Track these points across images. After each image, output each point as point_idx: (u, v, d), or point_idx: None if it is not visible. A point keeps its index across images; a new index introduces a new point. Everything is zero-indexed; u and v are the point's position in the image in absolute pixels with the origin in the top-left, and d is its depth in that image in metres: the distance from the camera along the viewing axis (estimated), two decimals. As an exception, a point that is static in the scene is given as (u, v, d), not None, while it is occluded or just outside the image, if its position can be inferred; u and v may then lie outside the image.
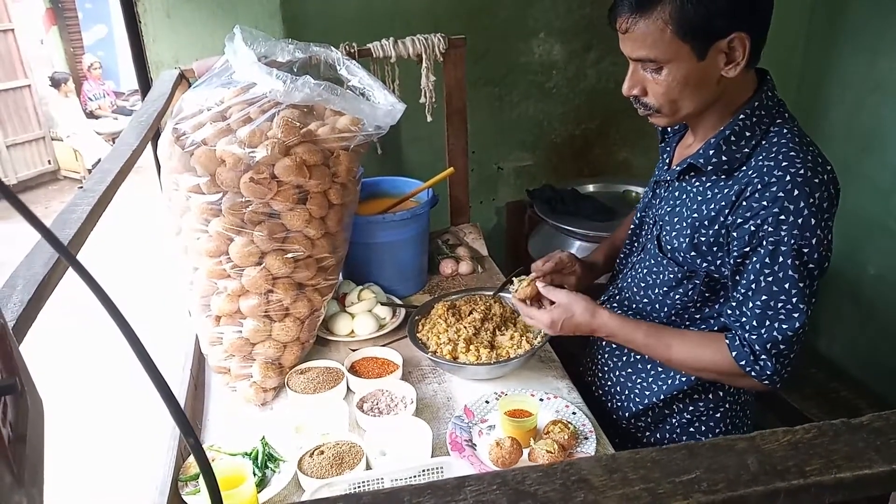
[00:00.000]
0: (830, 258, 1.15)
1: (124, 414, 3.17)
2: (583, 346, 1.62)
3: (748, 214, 1.13)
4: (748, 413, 1.45)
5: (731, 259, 1.19)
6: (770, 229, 1.11)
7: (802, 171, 1.10)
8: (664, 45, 1.10)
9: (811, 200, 1.09)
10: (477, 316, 1.61)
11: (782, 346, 1.16)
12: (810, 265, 1.12)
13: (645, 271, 1.38)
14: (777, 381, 1.18)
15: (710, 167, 1.21)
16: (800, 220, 1.09)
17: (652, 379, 1.41)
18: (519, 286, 1.44)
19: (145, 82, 2.03)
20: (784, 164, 1.12)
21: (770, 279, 1.14)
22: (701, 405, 1.40)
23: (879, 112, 2.43)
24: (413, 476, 1.23)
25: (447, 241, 2.19)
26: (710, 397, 1.39)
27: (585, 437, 1.34)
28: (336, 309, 1.77)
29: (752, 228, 1.13)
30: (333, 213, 1.54)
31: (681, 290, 1.30)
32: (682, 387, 1.37)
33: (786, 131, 1.16)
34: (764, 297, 1.15)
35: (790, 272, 1.12)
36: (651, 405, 1.42)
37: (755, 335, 1.17)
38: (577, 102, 2.73)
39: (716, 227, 1.20)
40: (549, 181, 2.68)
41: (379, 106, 1.54)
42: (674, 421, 1.43)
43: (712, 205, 1.20)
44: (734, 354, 1.20)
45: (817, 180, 1.10)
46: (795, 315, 1.14)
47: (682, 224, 1.26)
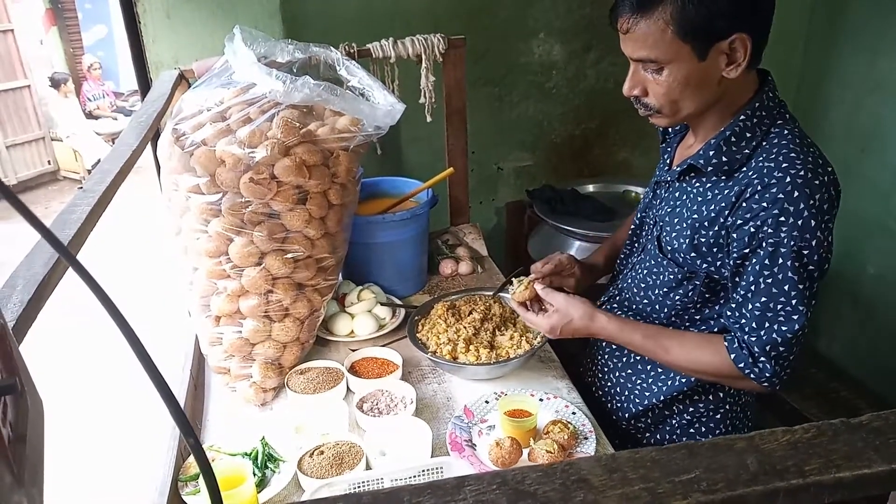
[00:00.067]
0: (831, 260, 1.15)
1: (124, 414, 3.17)
2: (583, 347, 1.62)
3: (748, 216, 1.13)
4: (748, 414, 1.45)
5: (731, 260, 1.18)
6: (770, 231, 1.10)
7: (803, 173, 1.10)
8: (665, 45, 1.09)
9: (811, 202, 1.09)
10: (477, 316, 1.61)
11: (781, 349, 1.15)
12: (810, 267, 1.12)
13: (645, 272, 1.38)
14: (776, 383, 1.18)
15: (710, 168, 1.20)
16: (800, 222, 1.09)
17: (652, 380, 1.41)
18: (518, 288, 1.44)
19: (145, 83, 2.03)
20: (784, 165, 1.11)
21: (770, 281, 1.13)
22: (701, 406, 1.40)
23: (879, 112, 2.43)
24: (413, 476, 1.23)
25: (447, 242, 2.19)
26: (711, 398, 1.39)
27: (585, 437, 1.34)
28: (336, 309, 1.77)
29: (752, 230, 1.12)
30: (333, 214, 1.55)
31: (681, 290, 1.30)
32: (682, 388, 1.37)
33: (786, 132, 1.16)
34: (763, 299, 1.15)
35: (790, 274, 1.11)
36: (651, 406, 1.41)
37: (754, 337, 1.17)
38: (576, 103, 2.73)
39: (716, 228, 1.19)
40: (548, 181, 2.68)
41: (378, 106, 1.54)
42: (674, 422, 1.43)
43: (712, 206, 1.20)
44: (733, 357, 1.19)
45: (818, 182, 1.10)
46: (795, 317, 1.13)
47: (683, 225, 1.26)
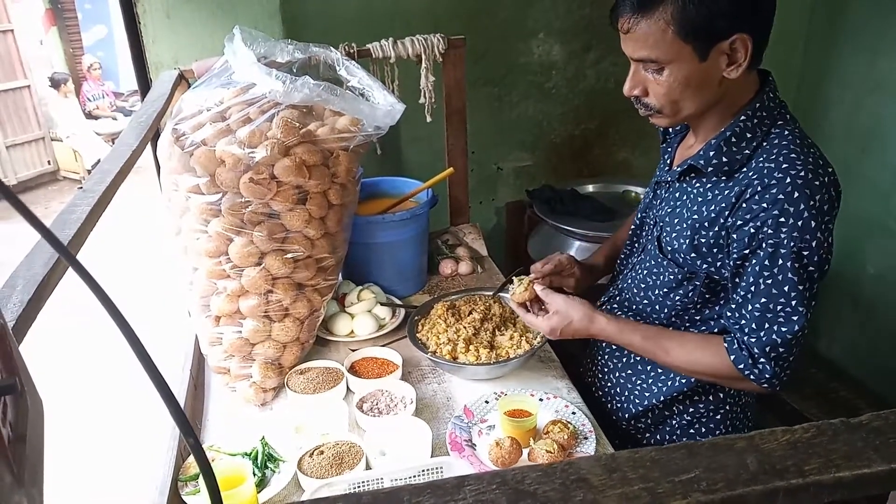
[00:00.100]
0: (831, 261, 1.14)
1: (124, 414, 3.17)
2: (583, 347, 1.62)
3: (748, 216, 1.12)
4: (749, 415, 1.44)
5: (731, 261, 1.18)
6: (770, 232, 1.10)
7: (803, 174, 1.09)
8: (666, 45, 1.09)
9: (811, 203, 1.08)
10: (476, 316, 1.61)
11: (781, 350, 1.15)
12: (810, 268, 1.11)
13: (645, 272, 1.37)
14: (776, 384, 1.18)
15: (710, 168, 1.20)
16: (800, 223, 1.09)
17: (652, 380, 1.41)
18: (518, 289, 1.44)
19: (145, 83, 2.03)
20: (784, 165, 1.11)
21: (769, 282, 1.13)
22: (701, 407, 1.39)
23: (879, 112, 2.43)
24: (413, 476, 1.23)
25: (447, 242, 2.19)
26: (711, 399, 1.38)
27: (585, 437, 1.34)
28: (336, 309, 1.77)
29: (752, 231, 1.12)
30: (333, 214, 1.55)
31: (681, 291, 1.30)
32: (682, 388, 1.37)
33: (787, 133, 1.16)
34: (763, 300, 1.14)
35: (790, 275, 1.11)
36: (651, 406, 1.41)
37: (754, 338, 1.17)
38: (576, 103, 2.73)
39: (716, 228, 1.19)
40: (548, 181, 2.68)
41: (378, 106, 1.54)
42: (674, 422, 1.43)
43: (712, 206, 1.20)
44: (732, 358, 1.19)
45: (818, 182, 1.10)
46: (795, 318, 1.13)
47: (683, 225, 1.25)
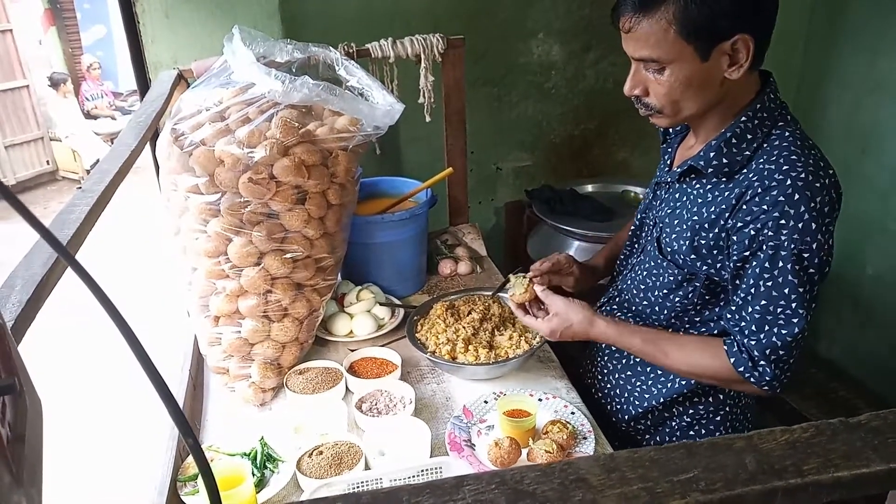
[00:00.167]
0: (831, 263, 1.14)
1: (123, 414, 3.17)
2: (582, 349, 1.62)
3: (748, 218, 1.12)
4: (748, 416, 1.44)
5: (731, 263, 1.17)
6: (770, 234, 1.10)
7: (804, 175, 1.09)
8: (667, 45, 1.09)
9: (812, 205, 1.08)
10: (476, 316, 1.61)
11: (781, 352, 1.15)
12: (810, 270, 1.11)
13: (645, 273, 1.37)
14: (776, 386, 1.17)
15: (710, 169, 1.20)
16: (800, 225, 1.08)
17: (651, 382, 1.40)
18: (517, 289, 1.44)
19: (144, 83, 2.03)
20: (785, 167, 1.10)
21: (770, 284, 1.13)
22: (701, 408, 1.39)
23: (878, 112, 2.43)
24: (412, 476, 1.23)
25: (446, 242, 2.19)
26: (710, 400, 1.38)
27: (584, 437, 1.34)
28: (335, 309, 1.77)
29: (752, 232, 1.12)
30: (332, 214, 1.54)
31: (681, 292, 1.30)
32: (681, 390, 1.36)
33: (787, 134, 1.15)
34: (763, 302, 1.14)
35: (790, 277, 1.11)
36: (651, 408, 1.41)
37: (754, 340, 1.16)
38: (575, 103, 2.74)
39: (716, 230, 1.18)
40: (547, 181, 2.68)
41: (377, 106, 1.54)
42: (673, 424, 1.42)
43: (713, 207, 1.19)
44: (733, 360, 1.19)
45: (818, 184, 1.09)
46: (795, 320, 1.13)
47: (683, 226, 1.25)
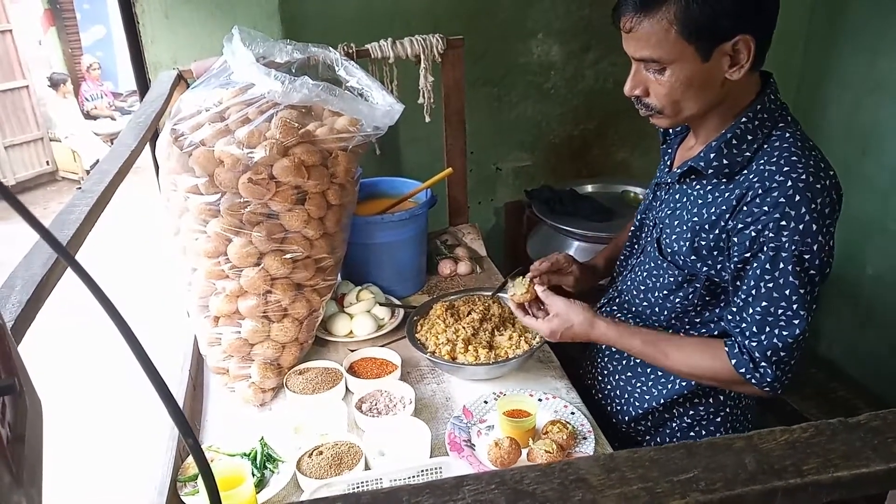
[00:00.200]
0: (832, 264, 1.14)
1: (123, 414, 3.16)
2: (582, 350, 1.62)
3: (749, 220, 1.12)
4: (749, 417, 1.44)
5: (732, 264, 1.17)
6: (771, 235, 1.10)
7: (804, 177, 1.09)
8: (668, 45, 1.09)
9: (812, 206, 1.08)
10: (475, 316, 1.61)
11: (782, 353, 1.14)
12: (811, 271, 1.11)
13: (645, 274, 1.37)
14: (777, 387, 1.17)
15: (710, 170, 1.19)
16: (801, 226, 1.08)
17: (652, 383, 1.40)
18: (517, 290, 1.43)
19: (143, 83, 2.03)
20: (786, 168, 1.10)
21: (770, 285, 1.13)
22: (701, 409, 1.39)
23: (878, 113, 2.43)
24: (412, 476, 1.23)
25: (446, 242, 2.19)
26: (711, 401, 1.38)
27: (584, 437, 1.34)
28: (335, 309, 1.77)
29: (753, 234, 1.12)
30: (332, 214, 1.54)
31: (681, 293, 1.29)
32: (682, 391, 1.36)
33: (788, 135, 1.15)
34: (764, 304, 1.14)
35: (791, 278, 1.11)
36: (651, 409, 1.41)
37: (755, 342, 1.16)
38: (575, 103, 2.74)
39: (716, 231, 1.18)
40: (547, 182, 2.68)
41: (377, 106, 1.54)
42: (674, 425, 1.42)
43: (713, 208, 1.19)
44: (733, 362, 1.19)
45: (819, 186, 1.09)
46: (796, 322, 1.13)
47: (683, 227, 1.25)
